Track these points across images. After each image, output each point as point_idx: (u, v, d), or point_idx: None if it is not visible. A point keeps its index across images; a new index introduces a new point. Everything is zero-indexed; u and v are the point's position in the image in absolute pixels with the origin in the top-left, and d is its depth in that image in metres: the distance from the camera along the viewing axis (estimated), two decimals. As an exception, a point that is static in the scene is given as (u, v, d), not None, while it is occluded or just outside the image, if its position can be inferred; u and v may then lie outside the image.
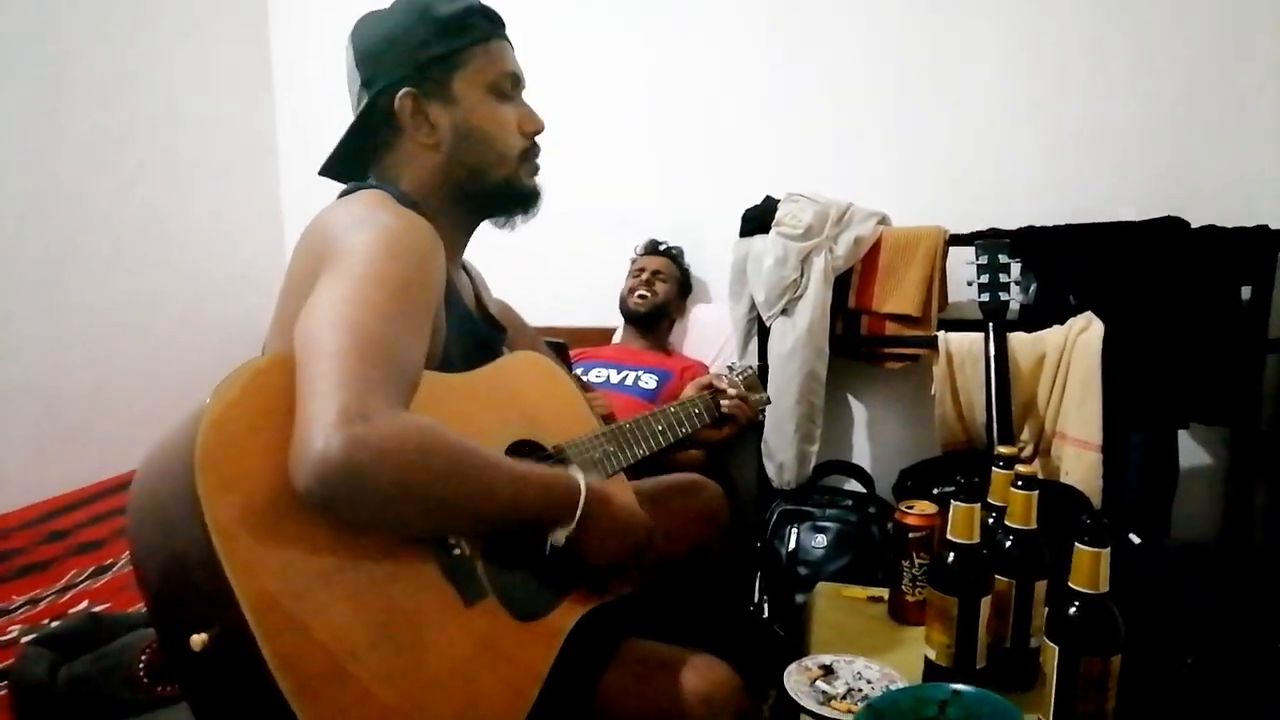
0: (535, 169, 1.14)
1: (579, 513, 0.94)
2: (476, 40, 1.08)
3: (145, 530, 0.79)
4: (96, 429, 2.38)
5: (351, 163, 1.12)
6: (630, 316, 2.45)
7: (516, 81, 1.12)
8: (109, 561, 1.73)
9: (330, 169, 1.14)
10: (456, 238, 1.13)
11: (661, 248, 2.51)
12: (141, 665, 1.17)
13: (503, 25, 1.12)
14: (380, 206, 0.98)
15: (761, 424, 2.17)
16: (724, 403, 1.47)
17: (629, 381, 2.24)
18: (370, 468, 0.75)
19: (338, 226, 0.94)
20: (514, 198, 1.13)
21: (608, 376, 2.27)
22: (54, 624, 1.35)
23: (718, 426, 1.48)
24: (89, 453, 2.32)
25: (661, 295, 2.42)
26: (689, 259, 2.53)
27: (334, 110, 1.12)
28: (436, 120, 1.06)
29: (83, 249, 2.37)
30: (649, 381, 2.23)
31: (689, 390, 1.50)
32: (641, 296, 2.40)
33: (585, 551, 0.97)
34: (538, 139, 1.14)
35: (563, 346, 1.75)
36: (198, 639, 0.72)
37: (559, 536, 0.94)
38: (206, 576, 0.72)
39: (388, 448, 0.76)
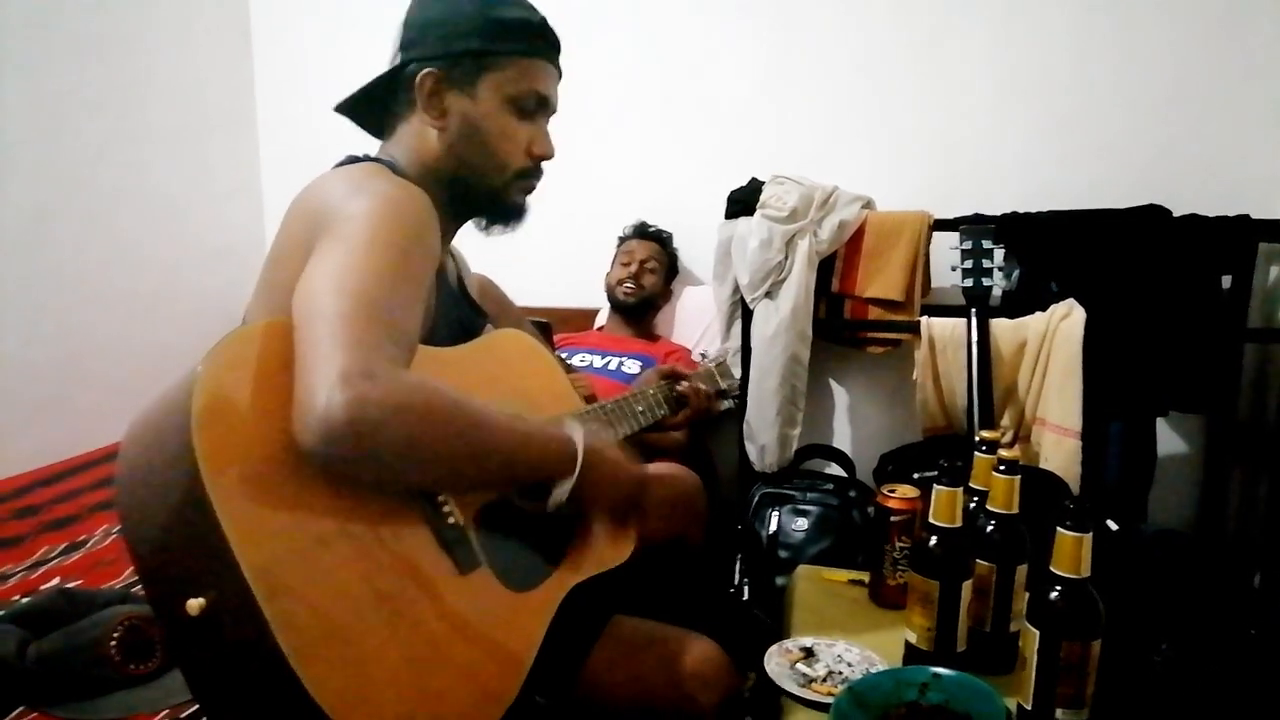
0: (530, 188, 1.14)
1: (578, 468, 0.95)
2: (516, 51, 1.07)
3: (138, 497, 0.79)
4: (70, 401, 2.34)
5: (368, 113, 1.13)
6: (617, 306, 2.42)
7: (543, 103, 1.11)
8: (82, 538, 1.70)
9: (347, 109, 1.13)
10: (448, 222, 1.12)
11: (651, 231, 2.47)
12: (114, 643, 1.16)
13: (556, 48, 1.12)
14: (377, 175, 0.98)
15: (739, 411, 2.17)
16: (679, 386, 1.49)
17: (612, 367, 2.23)
18: (374, 425, 0.75)
19: (335, 193, 0.94)
20: (498, 208, 1.13)
21: (591, 362, 2.25)
22: (23, 600, 1.32)
23: (675, 411, 1.50)
24: (63, 426, 2.28)
25: (649, 288, 2.39)
26: (674, 241, 2.50)
27: (314, 79, 1.10)
28: (449, 107, 1.06)
29: (56, 216, 2.32)
30: (632, 367, 2.22)
31: (651, 376, 1.52)
32: (629, 290, 2.37)
33: (584, 504, 0.99)
34: (543, 163, 1.13)
35: (547, 326, 1.74)
36: (195, 603, 0.72)
37: (561, 493, 0.95)
38: (205, 539, 0.72)
39: (391, 405, 0.76)
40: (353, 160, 1.05)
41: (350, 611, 0.77)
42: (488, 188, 1.10)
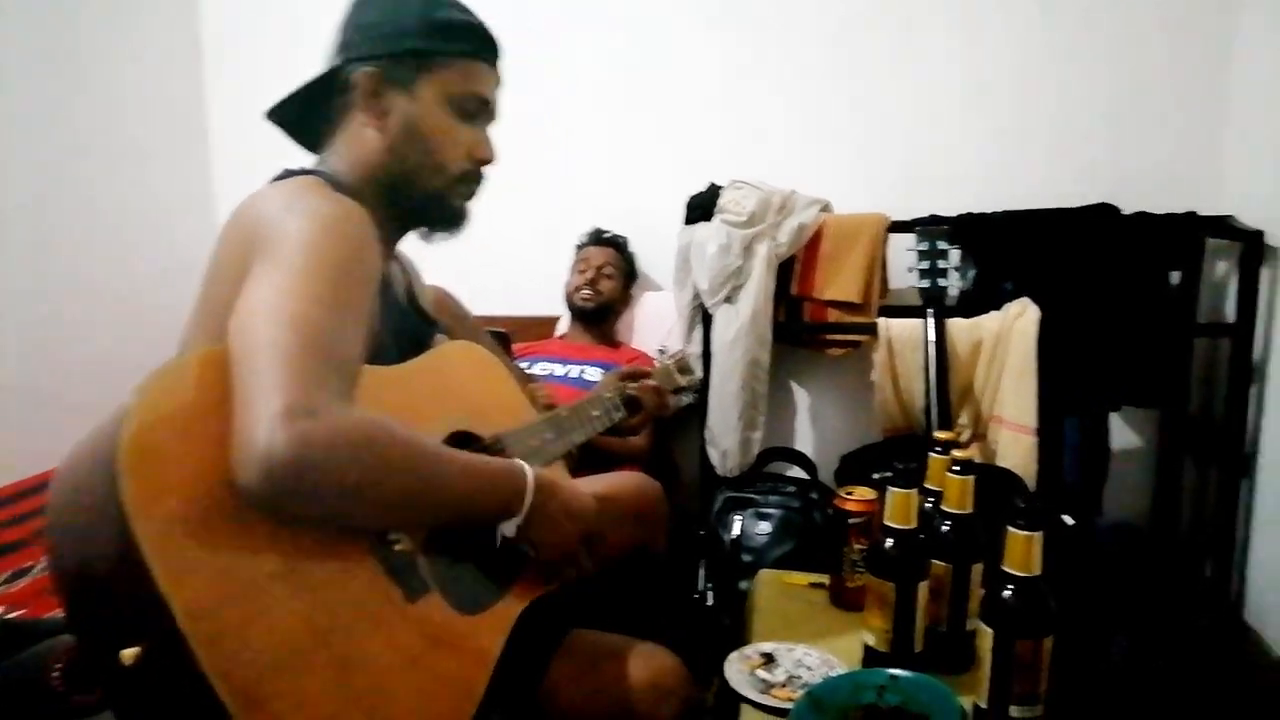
0: (472, 193, 1.12)
1: (527, 504, 0.94)
2: (458, 52, 1.05)
3: (66, 542, 0.75)
4: (20, 423, 2.27)
5: (302, 121, 1.09)
6: (577, 313, 2.41)
7: (483, 106, 1.09)
8: (28, 565, 1.65)
9: (279, 116, 1.09)
10: (389, 231, 1.10)
11: (606, 236, 2.47)
12: (56, 674, 1.12)
13: (496, 53, 1.10)
14: (313, 192, 0.95)
15: (700, 416, 2.17)
16: (630, 387, 1.47)
17: (573, 375, 2.22)
18: (318, 464, 0.72)
19: (269, 211, 0.91)
20: (440, 212, 1.10)
21: (552, 370, 2.24)
22: (-36, 631, 1.28)
23: (631, 413, 1.47)
24: (11, 448, 2.21)
25: (607, 293, 2.38)
26: (634, 246, 2.50)
27: (267, 93, 1.08)
28: (390, 107, 1.03)
29: (7, 234, 2.26)
30: (594, 374, 2.21)
31: (610, 379, 1.50)
32: (586, 296, 2.36)
33: (535, 541, 0.97)
34: (485, 168, 1.11)
35: (505, 336, 1.73)
36: (129, 653, 0.69)
37: (509, 528, 0.94)
38: (135, 588, 0.68)
39: (335, 443, 0.73)
40: (289, 174, 1.02)
41: (294, 653, 0.74)
42: (429, 190, 1.07)
